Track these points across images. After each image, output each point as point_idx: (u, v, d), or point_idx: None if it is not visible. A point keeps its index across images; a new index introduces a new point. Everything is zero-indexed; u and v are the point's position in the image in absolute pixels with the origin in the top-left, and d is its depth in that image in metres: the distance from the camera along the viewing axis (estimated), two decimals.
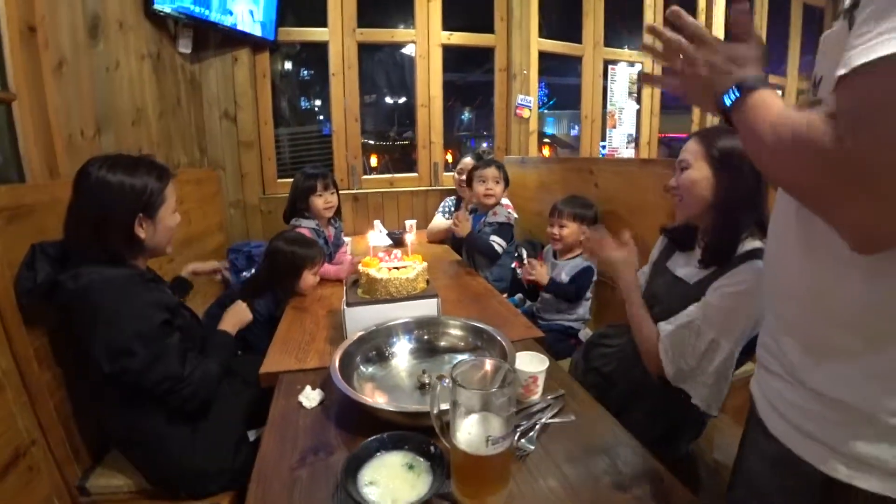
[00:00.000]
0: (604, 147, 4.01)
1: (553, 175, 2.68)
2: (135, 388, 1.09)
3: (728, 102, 0.60)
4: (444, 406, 0.73)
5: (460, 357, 1.13)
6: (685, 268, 1.18)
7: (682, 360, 1.04)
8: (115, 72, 1.90)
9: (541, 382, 1.03)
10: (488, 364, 0.76)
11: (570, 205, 1.97)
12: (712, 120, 4.03)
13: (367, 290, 1.24)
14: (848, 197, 0.44)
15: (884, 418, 0.49)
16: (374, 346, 1.13)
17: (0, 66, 1.40)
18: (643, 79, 4.04)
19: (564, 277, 1.94)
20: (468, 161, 2.74)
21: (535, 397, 1.02)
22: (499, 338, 1.09)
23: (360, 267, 1.27)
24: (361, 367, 1.09)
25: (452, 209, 2.83)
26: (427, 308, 1.23)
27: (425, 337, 1.17)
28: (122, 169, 1.14)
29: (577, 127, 5.00)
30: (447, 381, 0.70)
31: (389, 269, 1.24)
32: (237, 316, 1.44)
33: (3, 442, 1.05)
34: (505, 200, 2.45)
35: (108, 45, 1.85)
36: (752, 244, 1.03)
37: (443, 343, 1.17)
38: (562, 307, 1.94)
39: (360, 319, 1.18)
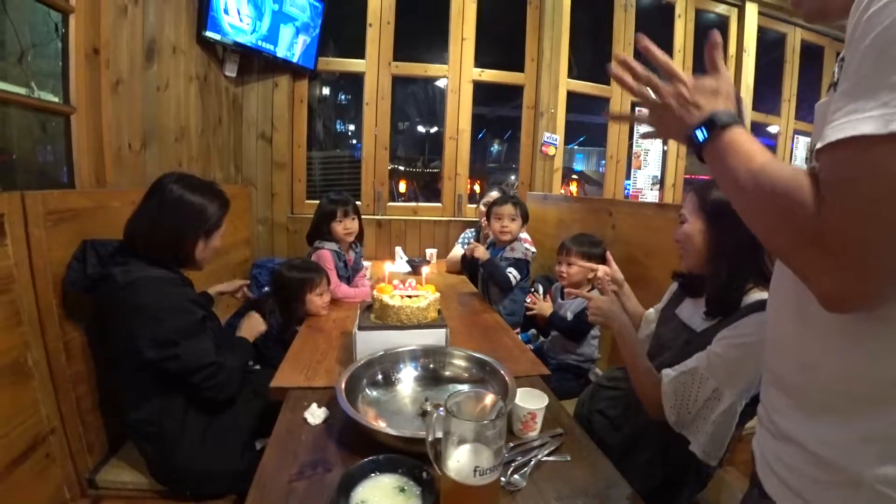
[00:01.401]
0: (628, 187, 4.03)
1: (573, 214, 2.71)
2: (172, 376, 1.20)
3: (700, 138, 0.61)
4: (440, 434, 0.76)
5: (462, 388, 1.16)
6: (693, 315, 1.18)
7: (683, 406, 1.04)
8: (165, 91, 2.05)
9: (539, 419, 1.04)
10: (486, 397, 0.79)
11: (579, 243, 1.94)
12: None
13: (380, 316, 1.29)
14: (817, 258, 0.46)
15: (873, 485, 0.48)
16: (381, 371, 1.16)
17: (65, 81, 1.53)
18: (609, 117, 4.04)
19: (569, 315, 1.92)
20: (494, 194, 2.77)
21: (533, 434, 1.03)
22: (502, 371, 1.11)
23: (374, 292, 1.32)
24: (367, 389, 1.13)
25: (472, 241, 2.87)
26: (436, 337, 1.26)
27: (431, 365, 1.20)
28: (200, 192, 1.32)
29: (604, 164, 5.05)
30: (443, 409, 0.73)
31: (402, 297, 1.28)
32: (252, 325, 1.57)
33: (26, 428, 1.12)
34: (524, 235, 2.49)
35: (160, 67, 2.00)
36: (757, 295, 1.03)
37: (447, 373, 1.20)
38: (568, 346, 1.94)
39: (369, 343, 1.22)
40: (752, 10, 3.98)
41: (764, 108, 4.26)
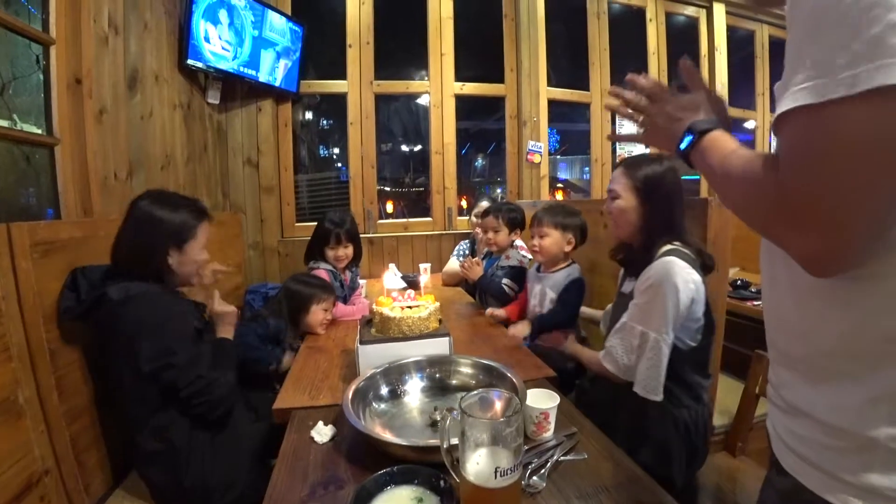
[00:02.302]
0: None
1: None
2: (169, 388, 1.19)
3: (683, 146, 0.68)
4: (455, 440, 0.74)
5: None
6: (628, 284, 1.33)
7: (624, 357, 1.19)
8: (149, 120, 2.03)
9: (552, 419, 1.02)
10: (497, 397, 0.77)
11: (552, 213, 1.79)
12: None
13: (381, 329, 1.27)
14: (787, 224, 0.48)
15: (888, 444, 0.48)
16: (387, 384, 1.14)
17: (48, 112, 1.51)
18: (611, 138, 4.25)
19: (551, 295, 1.79)
20: (484, 204, 2.76)
21: (548, 434, 1.01)
22: (509, 375, 1.09)
23: (373, 306, 1.30)
24: (374, 403, 1.10)
25: (467, 252, 2.87)
26: (439, 347, 1.24)
27: (437, 375, 1.18)
28: (169, 205, 1.32)
29: (588, 171, 5.10)
30: (456, 412, 0.71)
31: (402, 308, 1.27)
32: (223, 317, 1.51)
33: (19, 469, 1.07)
34: (519, 242, 2.48)
35: (144, 96, 1.99)
36: (663, 248, 1.19)
37: (454, 381, 1.18)
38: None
39: (373, 357, 1.20)
40: (719, 10, 4.10)
41: (740, 104, 4.37)
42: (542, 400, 1.04)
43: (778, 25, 4.49)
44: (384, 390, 1.13)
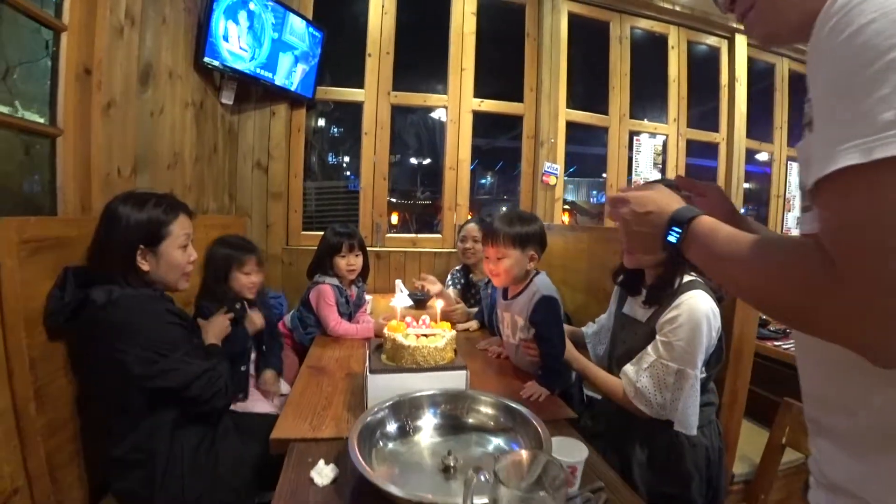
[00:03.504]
0: None
1: (580, 244, 2.62)
2: (162, 393, 1.14)
3: (674, 239, 0.62)
4: (479, 502, 0.64)
5: (489, 438, 1.03)
6: (635, 309, 1.33)
7: (658, 396, 1.16)
8: (159, 117, 1.95)
9: (579, 473, 0.92)
10: (536, 458, 0.67)
11: (507, 223, 1.49)
12: (737, 187, 4.05)
13: (392, 357, 1.16)
14: (847, 319, 0.40)
15: None
16: (396, 419, 1.03)
17: (52, 102, 1.43)
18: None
19: (520, 322, 1.52)
20: (471, 227, 2.51)
21: (573, 490, 0.91)
22: (534, 422, 0.98)
23: (385, 331, 1.20)
24: (381, 441, 0.99)
25: (462, 280, 2.67)
26: (454, 380, 1.14)
27: (452, 412, 1.07)
28: (133, 203, 1.23)
29: (596, 194, 5.04)
30: (484, 474, 0.61)
31: (418, 336, 1.16)
32: (217, 328, 1.49)
33: None
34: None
35: (156, 92, 1.92)
36: (686, 278, 1.19)
37: (471, 420, 1.07)
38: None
39: (383, 388, 1.10)
40: (741, 42, 4.08)
41: (757, 136, 4.32)
42: (569, 450, 0.93)
43: (798, 60, 4.47)
44: (393, 427, 1.02)
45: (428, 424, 1.06)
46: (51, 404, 1.16)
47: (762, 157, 4.51)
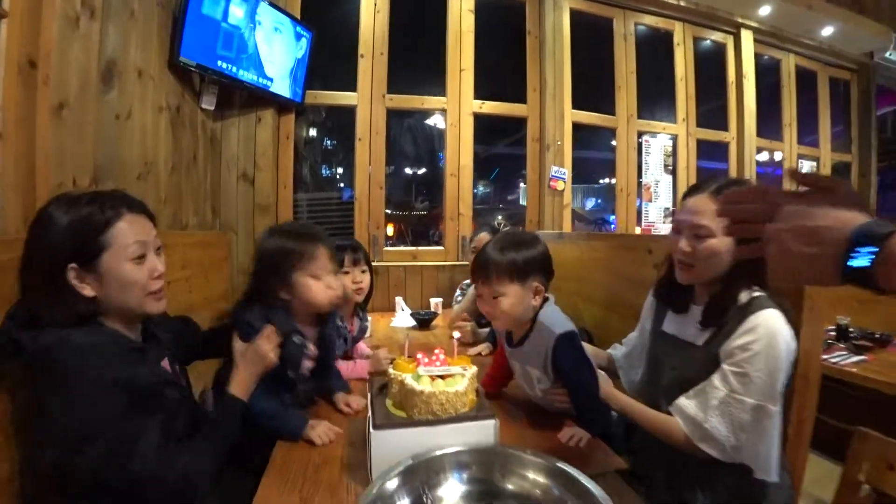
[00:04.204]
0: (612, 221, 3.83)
1: (595, 253, 2.39)
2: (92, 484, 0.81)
3: (867, 262, 0.48)
4: None
5: None
6: (685, 329, 1.14)
7: (731, 437, 0.98)
8: (126, 121, 1.72)
9: None
10: None
11: (501, 251, 1.18)
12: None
13: (401, 405, 0.91)
14: None
15: None
16: (411, 490, 0.79)
17: None
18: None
19: (537, 374, 1.24)
20: (483, 236, 2.33)
21: None
22: (590, 487, 0.75)
23: (391, 370, 0.96)
24: None
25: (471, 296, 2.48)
26: (480, 433, 0.89)
27: (482, 476, 0.83)
28: (64, 204, 0.89)
29: (593, 200, 4.89)
30: None
31: (432, 379, 0.91)
32: (253, 362, 1.05)
33: None
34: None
35: (122, 93, 1.69)
36: (749, 295, 1.02)
37: (508, 486, 0.82)
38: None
39: (391, 446, 0.85)
40: (747, 37, 3.95)
41: (765, 135, 4.17)
42: None
43: (804, 55, 4.33)
44: (406, 501, 0.78)
45: (452, 493, 0.81)
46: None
47: (762, 157, 4.35)
